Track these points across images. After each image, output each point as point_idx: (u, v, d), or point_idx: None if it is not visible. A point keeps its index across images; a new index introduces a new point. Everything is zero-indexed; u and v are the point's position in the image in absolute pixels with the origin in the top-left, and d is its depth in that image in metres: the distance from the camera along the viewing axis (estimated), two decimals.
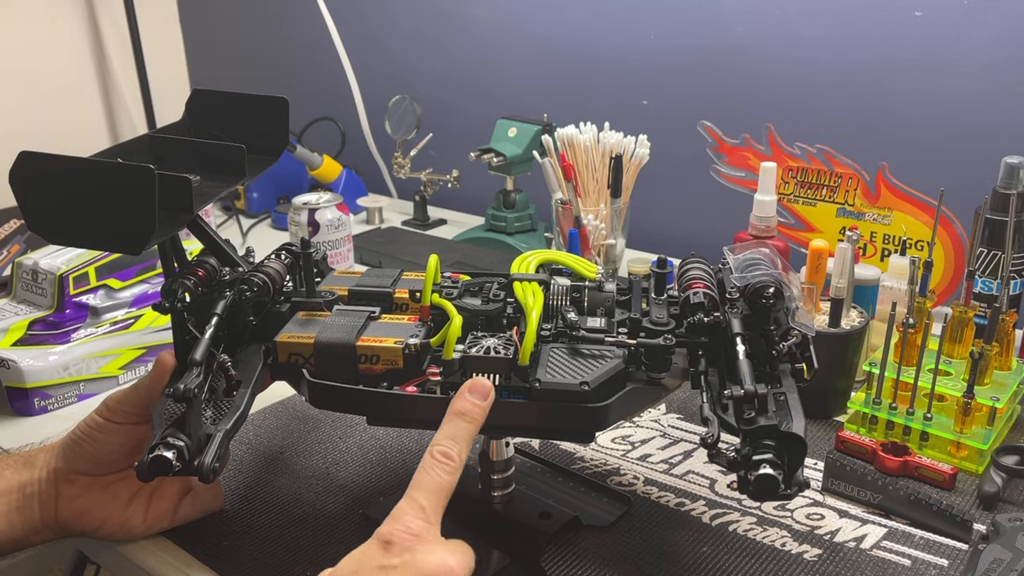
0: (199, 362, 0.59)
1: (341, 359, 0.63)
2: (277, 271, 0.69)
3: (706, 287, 0.62)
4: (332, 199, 1.26)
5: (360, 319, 0.65)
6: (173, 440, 0.56)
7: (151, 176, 0.55)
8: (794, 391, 0.57)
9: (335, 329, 0.64)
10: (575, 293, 0.67)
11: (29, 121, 1.73)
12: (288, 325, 0.66)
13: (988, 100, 1.08)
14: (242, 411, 0.61)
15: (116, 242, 0.60)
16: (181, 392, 0.56)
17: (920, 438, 0.79)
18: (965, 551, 0.67)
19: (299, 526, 0.72)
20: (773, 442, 0.53)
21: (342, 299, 0.70)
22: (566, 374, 0.59)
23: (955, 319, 0.83)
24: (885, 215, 1.00)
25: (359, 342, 0.62)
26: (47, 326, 0.94)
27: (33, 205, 0.57)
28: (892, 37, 1.13)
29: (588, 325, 0.63)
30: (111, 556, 0.73)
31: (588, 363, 0.60)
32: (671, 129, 1.25)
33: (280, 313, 0.68)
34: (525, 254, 0.69)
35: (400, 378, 0.62)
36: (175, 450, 0.56)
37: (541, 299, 0.63)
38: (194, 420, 0.58)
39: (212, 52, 1.99)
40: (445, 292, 0.67)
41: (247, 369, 0.64)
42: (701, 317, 0.60)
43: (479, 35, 1.54)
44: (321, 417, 0.89)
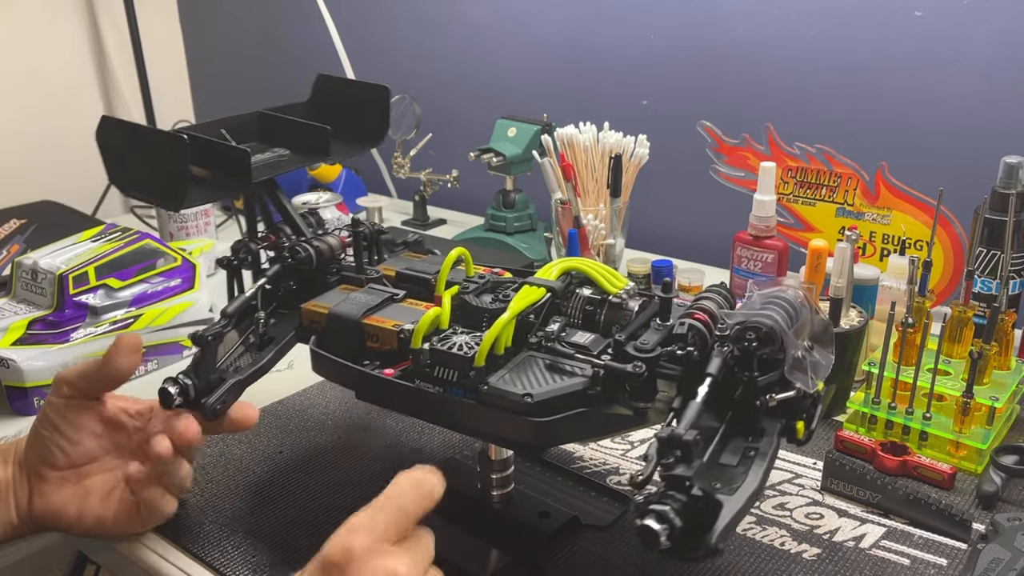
0: (228, 315, 0.67)
1: (347, 332, 0.66)
2: (330, 245, 0.74)
3: (705, 319, 0.57)
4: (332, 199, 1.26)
5: (380, 298, 0.68)
6: (182, 379, 0.65)
7: (182, 144, 0.64)
8: (769, 452, 0.52)
9: (351, 304, 0.67)
10: (589, 307, 0.64)
11: (29, 121, 1.73)
12: (325, 294, 0.71)
13: (988, 100, 1.08)
14: (261, 365, 0.68)
15: (162, 198, 0.72)
16: (196, 336, 0.64)
17: (919, 438, 0.79)
18: (964, 550, 0.67)
19: (298, 525, 0.72)
20: (683, 496, 0.46)
21: (389, 279, 0.73)
22: (521, 383, 0.57)
23: (954, 319, 0.83)
24: (884, 215, 1.00)
25: (365, 320, 0.65)
26: (46, 325, 0.94)
27: (109, 160, 0.69)
28: (892, 37, 1.13)
29: (573, 339, 0.61)
30: (111, 556, 0.73)
31: (554, 377, 0.58)
32: (671, 129, 1.25)
33: (328, 283, 0.73)
34: (557, 260, 0.67)
35: (396, 360, 0.64)
36: (180, 387, 0.64)
37: (526, 303, 0.61)
38: (206, 364, 0.65)
39: (212, 52, 1.99)
40: (464, 287, 0.67)
41: (284, 329, 0.71)
42: (675, 349, 0.56)
43: (479, 35, 1.54)
44: (321, 417, 0.89)
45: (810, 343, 0.56)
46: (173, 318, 1.02)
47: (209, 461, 0.81)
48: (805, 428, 0.55)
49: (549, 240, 1.29)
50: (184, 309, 1.03)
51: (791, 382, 0.53)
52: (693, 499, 0.46)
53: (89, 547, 0.76)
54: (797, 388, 0.53)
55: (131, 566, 0.70)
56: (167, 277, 1.04)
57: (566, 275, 0.66)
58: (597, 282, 0.65)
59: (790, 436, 0.55)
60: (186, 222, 1.32)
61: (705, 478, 0.49)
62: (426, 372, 0.61)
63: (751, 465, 0.51)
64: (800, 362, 0.54)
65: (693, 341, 0.56)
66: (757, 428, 0.54)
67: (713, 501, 0.46)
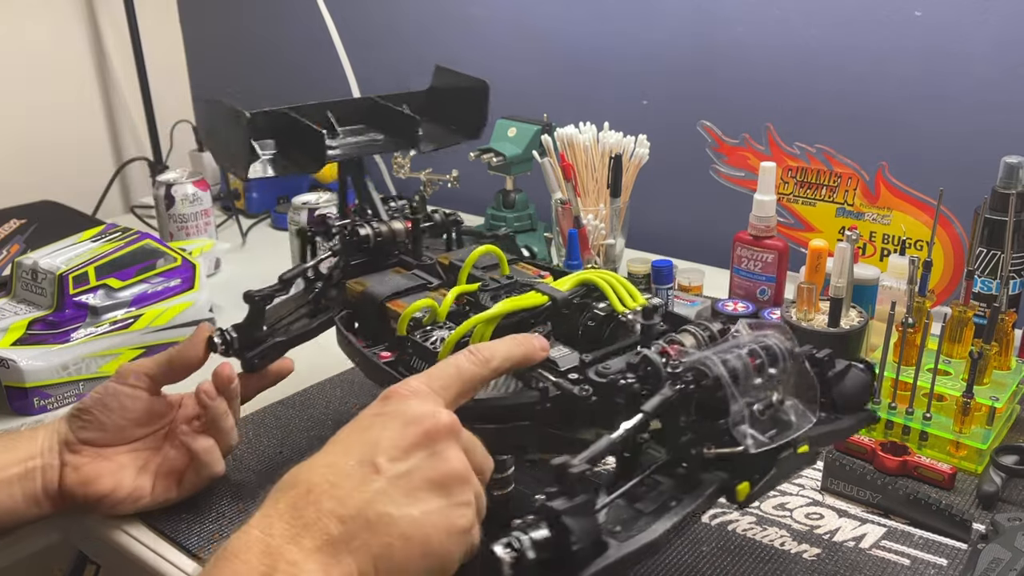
0: (282, 280, 0.74)
1: (372, 311, 0.69)
2: (392, 229, 0.78)
3: (673, 351, 0.55)
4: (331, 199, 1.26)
5: (414, 284, 0.71)
6: (228, 331, 0.74)
7: (242, 119, 0.72)
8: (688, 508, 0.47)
9: (384, 285, 0.70)
10: (591, 322, 0.62)
11: (29, 121, 1.73)
12: (374, 274, 0.74)
13: (988, 100, 1.08)
14: (306, 332, 0.74)
15: (237, 169, 0.78)
16: (246, 295, 0.72)
17: (919, 438, 0.79)
18: (964, 551, 0.67)
19: None
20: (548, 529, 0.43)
21: (442, 267, 0.75)
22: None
23: (954, 319, 0.83)
24: (884, 215, 1.00)
25: (388, 303, 0.68)
26: (47, 326, 0.94)
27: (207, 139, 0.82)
28: (892, 37, 1.13)
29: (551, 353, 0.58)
30: (111, 556, 0.73)
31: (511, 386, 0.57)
32: (671, 129, 1.25)
33: (388, 264, 0.77)
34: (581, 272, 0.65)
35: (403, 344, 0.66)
36: (224, 337, 0.73)
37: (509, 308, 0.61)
38: (252, 321, 0.73)
39: (212, 52, 1.99)
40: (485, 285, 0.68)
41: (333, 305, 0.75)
42: (618, 378, 0.53)
43: (479, 35, 1.54)
44: (321, 417, 0.89)
45: (784, 398, 0.50)
46: (173, 318, 1.02)
47: None
48: (749, 490, 0.49)
49: (549, 240, 1.29)
50: (184, 309, 1.03)
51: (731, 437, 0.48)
52: (560, 534, 0.43)
53: (89, 547, 0.76)
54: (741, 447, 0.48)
55: (131, 566, 0.70)
56: (167, 277, 1.04)
57: (582, 286, 0.64)
58: (608, 298, 0.63)
59: (729, 496, 0.49)
60: (186, 222, 1.32)
61: (615, 518, 0.46)
62: (406, 361, 0.63)
63: (661, 517, 0.47)
64: (753, 417, 0.48)
65: (644, 374, 0.51)
66: (693, 480, 0.49)
67: (598, 542, 0.44)
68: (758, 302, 1.02)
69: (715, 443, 0.49)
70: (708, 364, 0.48)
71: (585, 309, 0.63)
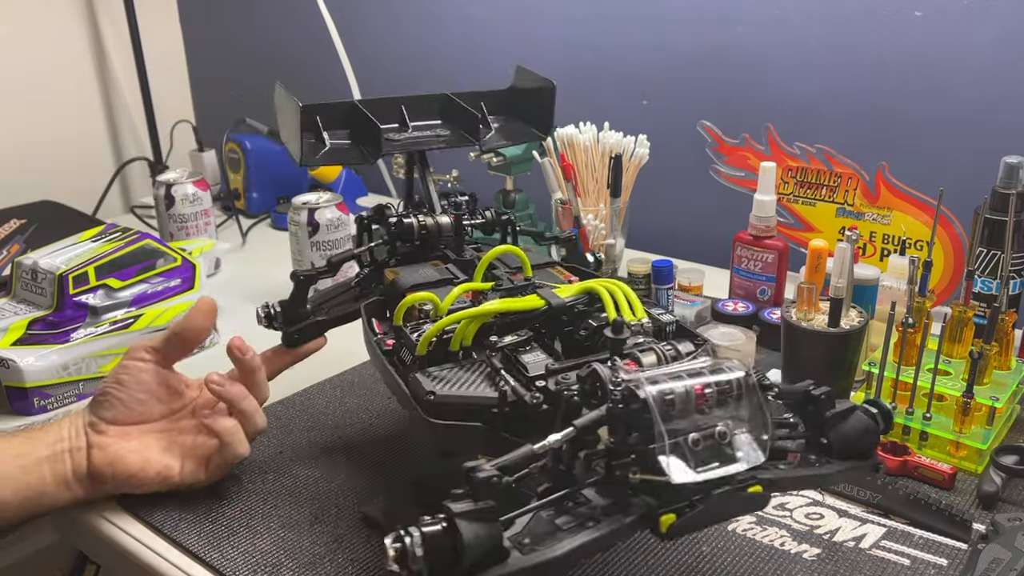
0: (330, 263, 0.77)
1: (396, 300, 0.69)
2: (438, 223, 0.79)
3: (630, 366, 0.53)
4: (332, 199, 1.26)
5: (441, 277, 0.72)
6: (272, 305, 0.79)
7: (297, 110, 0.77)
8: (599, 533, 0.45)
9: (414, 276, 0.72)
10: (582, 332, 0.61)
11: (29, 121, 1.73)
12: (413, 265, 0.76)
13: (988, 100, 1.08)
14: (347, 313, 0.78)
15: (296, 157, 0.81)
16: (293, 273, 0.77)
17: (919, 438, 0.79)
18: (964, 551, 0.67)
19: (298, 526, 0.72)
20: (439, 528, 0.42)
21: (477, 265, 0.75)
22: (442, 382, 0.56)
23: (954, 319, 0.83)
24: (884, 215, 1.00)
25: (409, 294, 0.68)
26: (47, 326, 0.94)
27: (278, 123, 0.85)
28: (892, 37, 1.13)
29: (522, 357, 0.58)
30: (111, 556, 0.73)
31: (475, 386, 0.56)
32: (671, 129, 1.25)
33: (431, 256, 0.78)
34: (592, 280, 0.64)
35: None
36: (267, 311, 0.78)
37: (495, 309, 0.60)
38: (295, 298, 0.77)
39: (212, 52, 1.99)
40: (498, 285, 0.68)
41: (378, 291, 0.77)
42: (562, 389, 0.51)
43: (479, 35, 1.54)
44: (321, 417, 0.89)
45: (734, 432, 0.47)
46: (173, 318, 1.02)
47: None
48: (673, 521, 0.45)
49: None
50: (184, 309, 1.03)
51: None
52: (453, 535, 0.42)
53: (89, 547, 0.76)
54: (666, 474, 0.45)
55: (131, 566, 0.70)
56: (167, 277, 1.04)
57: (585, 294, 0.63)
58: (606, 308, 0.61)
59: (652, 526, 0.46)
60: (186, 222, 1.32)
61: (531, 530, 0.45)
62: (398, 351, 0.64)
63: (576, 535, 0.45)
64: (684, 447, 0.45)
65: (590, 388, 0.50)
66: (622, 504, 0.47)
67: (497, 550, 0.42)
68: (758, 302, 1.02)
69: (645, 468, 0.46)
70: (639, 385, 0.46)
71: (586, 318, 0.62)
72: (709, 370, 0.48)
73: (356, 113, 0.81)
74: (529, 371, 0.57)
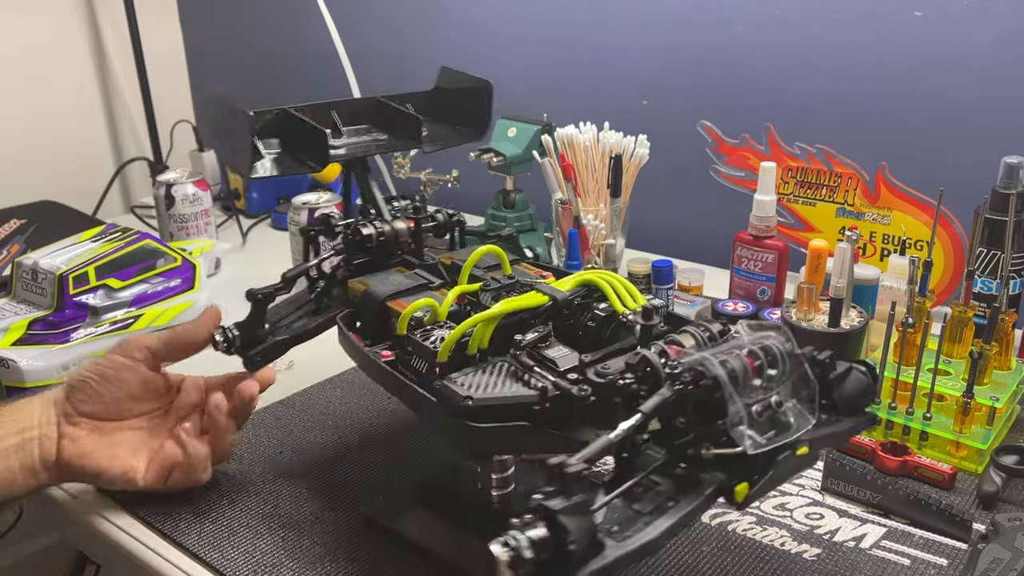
0: (285, 279, 0.74)
1: (372, 311, 0.69)
2: (395, 229, 0.77)
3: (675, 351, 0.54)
4: (332, 199, 1.26)
5: (415, 283, 0.71)
6: (230, 329, 0.73)
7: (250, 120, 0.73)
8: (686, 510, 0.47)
9: (386, 285, 0.70)
10: (591, 323, 0.61)
11: (29, 121, 1.73)
12: (377, 274, 0.74)
13: (988, 100, 1.08)
14: (307, 331, 0.74)
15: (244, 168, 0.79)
16: (248, 293, 0.72)
17: (919, 438, 0.79)
18: (964, 551, 0.67)
19: (298, 526, 0.72)
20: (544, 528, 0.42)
21: (444, 267, 0.75)
22: (472, 385, 0.55)
23: (954, 319, 0.83)
24: (885, 215, 1.00)
25: (389, 302, 0.67)
26: (47, 326, 0.94)
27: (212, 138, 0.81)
28: (892, 37, 1.13)
29: (546, 352, 0.58)
30: (111, 556, 0.73)
31: (508, 385, 0.56)
32: (671, 129, 1.25)
33: (390, 264, 0.77)
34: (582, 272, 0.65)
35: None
36: (225, 335, 0.73)
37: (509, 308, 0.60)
38: (253, 320, 0.73)
39: (212, 52, 1.99)
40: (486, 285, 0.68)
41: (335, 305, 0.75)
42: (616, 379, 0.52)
43: (479, 35, 1.54)
44: (321, 417, 0.89)
45: (783, 399, 0.50)
46: (173, 318, 1.02)
47: None
48: (748, 491, 0.48)
49: (549, 240, 1.29)
50: (184, 309, 1.03)
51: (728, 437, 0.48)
52: (557, 533, 0.42)
53: (89, 547, 0.76)
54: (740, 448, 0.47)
55: (131, 566, 0.70)
56: (167, 277, 1.04)
57: (583, 287, 0.64)
58: (608, 298, 0.62)
59: (728, 496, 0.48)
60: (186, 222, 1.32)
61: (612, 518, 0.46)
62: (406, 360, 0.62)
63: (659, 517, 0.46)
64: (752, 419, 0.48)
65: (643, 374, 0.51)
66: (692, 480, 0.49)
67: (595, 542, 0.43)
68: (758, 302, 1.02)
69: (713, 444, 0.48)
70: (707, 364, 0.48)
71: (586, 310, 0.63)
72: (755, 344, 0.50)
73: (292, 121, 0.78)
74: (559, 365, 0.57)
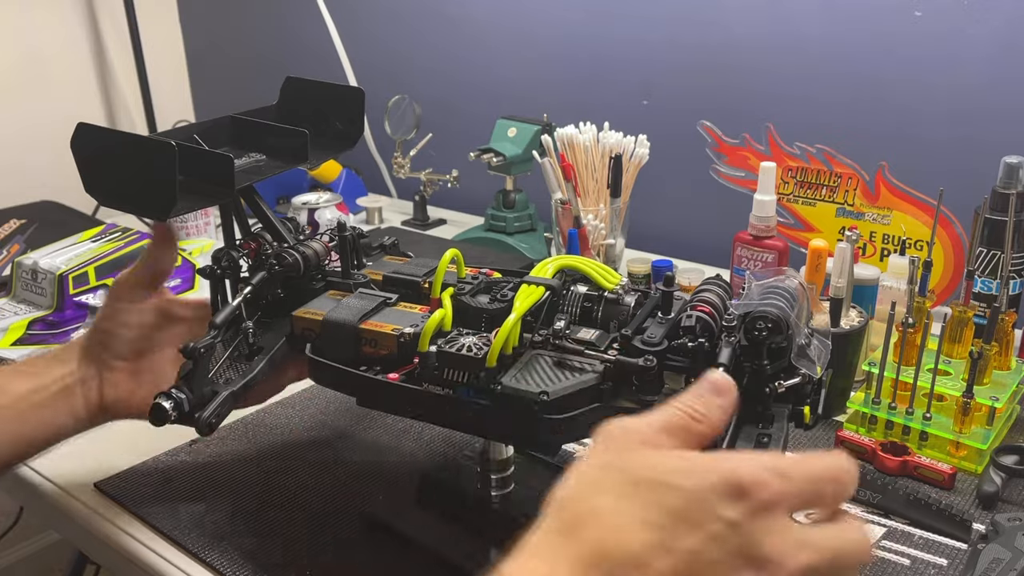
0: (217, 325, 0.66)
1: (344, 338, 0.64)
2: (315, 251, 0.73)
3: (709, 311, 0.58)
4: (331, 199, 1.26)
5: (374, 303, 0.67)
6: (176, 393, 0.64)
7: (172, 152, 0.62)
8: (781, 437, 0.53)
9: (346, 310, 0.66)
10: (587, 303, 0.64)
11: (29, 121, 1.73)
12: (313, 301, 0.69)
13: (988, 100, 1.08)
14: (253, 375, 0.68)
15: (147, 208, 0.71)
16: (188, 349, 0.64)
17: (919, 438, 0.79)
18: (964, 551, 0.67)
19: (299, 526, 0.72)
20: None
21: (376, 283, 0.72)
22: (533, 381, 0.57)
23: (954, 319, 0.83)
24: (884, 215, 1.00)
25: (362, 325, 0.64)
26: (46, 326, 0.94)
27: (86, 169, 0.67)
28: (892, 37, 1.13)
29: (578, 336, 0.61)
30: (111, 556, 0.73)
31: (564, 374, 0.58)
32: (671, 129, 1.25)
33: (316, 289, 0.72)
34: (550, 258, 0.66)
35: (395, 364, 0.63)
36: (173, 401, 0.64)
37: (531, 302, 0.61)
38: (199, 376, 0.65)
39: (212, 52, 1.99)
40: (460, 288, 0.66)
41: (271, 338, 0.70)
42: (685, 341, 0.56)
43: (479, 35, 1.54)
44: (320, 417, 0.89)
45: (810, 330, 0.57)
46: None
47: (209, 461, 0.81)
48: (811, 412, 0.56)
49: (549, 240, 1.30)
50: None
51: (796, 368, 0.55)
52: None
53: (89, 547, 0.76)
54: (803, 374, 0.54)
55: (131, 566, 0.70)
56: None
57: (561, 273, 0.65)
58: (592, 279, 0.64)
59: (797, 421, 0.55)
60: (186, 222, 1.32)
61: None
62: (434, 375, 0.60)
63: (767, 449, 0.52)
64: (804, 349, 0.55)
65: (701, 333, 0.56)
66: (767, 415, 0.54)
67: None
68: None
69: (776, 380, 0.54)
70: (769, 310, 0.54)
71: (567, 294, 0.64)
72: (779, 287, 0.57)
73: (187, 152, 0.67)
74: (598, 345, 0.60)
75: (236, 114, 0.78)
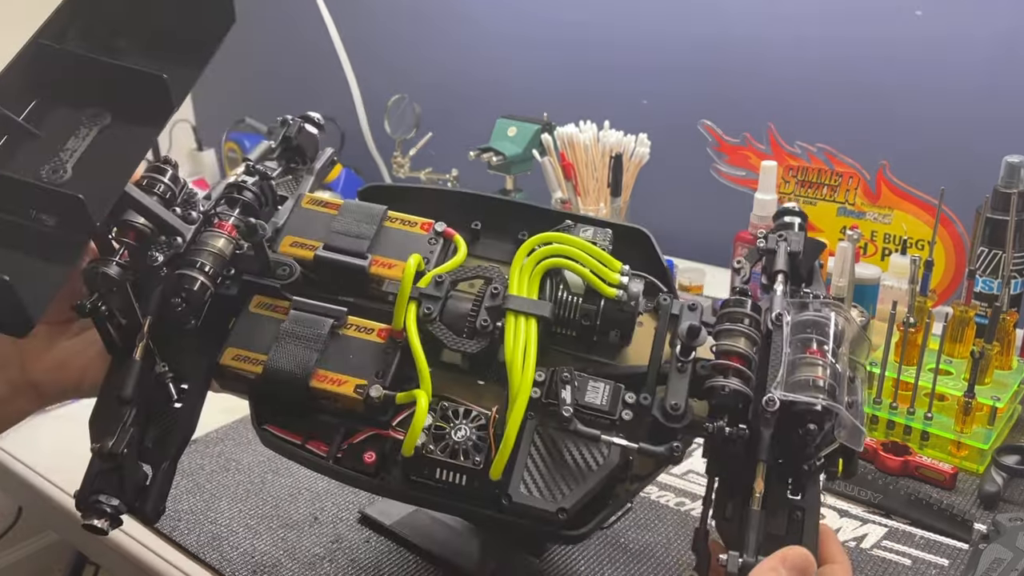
0: (127, 400, 0.50)
1: (293, 394, 0.53)
2: (221, 251, 0.54)
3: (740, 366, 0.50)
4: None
5: (319, 333, 0.53)
6: (105, 502, 0.51)
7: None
8: (816, 508, 0.49)
9: (289, 352, 0.53)
10: (585, 321, 0.54)
11: None
12: (236, 328, 0.55)
13: (989, 99, 1.07)
14: (187, 433, 0.54)
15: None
16: (107, 453, 0.49)
17: (921, 438, 0.79)
18: (966, 551, 0.67)
19: (298, 526, 0.72)
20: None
21: (306, 265, 0.57)
22: (543, 487, 0.49)
23: (956, 318, 0.83)
24: (886, 214, 0.99)
25: (314, 382, 0.52)
26: None
27: None
28: (893, 37, 1.13)
29: (586, 400, 0.51)
30: (111, 556, 0.73)
31: (573, 471, 0.50)
32: (671, 128, 1.25)
33: (230, 297, 0.56)
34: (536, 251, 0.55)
35: (360, 420, 0.53)
36: (108, 516, 0.51)
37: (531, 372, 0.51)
38: (128, 472, 0.51)
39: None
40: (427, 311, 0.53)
41: (191, 372, 0.54)
42: (722, 426, 0.48)
43: (479, 34, 1.54)
44: None
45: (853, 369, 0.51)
46: None
47: (209, 461, 0.81)
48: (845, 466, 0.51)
49: None
50: None
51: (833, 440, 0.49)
52: None
53: (89, 547, 0.76)
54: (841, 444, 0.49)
55: (131, 566, 0.70)
56: None
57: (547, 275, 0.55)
58: (590, 281, 0.55)
59: (829, 474, 0.51)
60: None
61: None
62: (425, 475, 0.51)
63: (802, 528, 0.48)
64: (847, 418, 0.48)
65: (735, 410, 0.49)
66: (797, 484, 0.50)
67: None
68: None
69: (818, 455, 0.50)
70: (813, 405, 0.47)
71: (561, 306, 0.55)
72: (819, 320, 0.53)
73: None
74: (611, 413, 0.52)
75: (42, 40, 0.55)
